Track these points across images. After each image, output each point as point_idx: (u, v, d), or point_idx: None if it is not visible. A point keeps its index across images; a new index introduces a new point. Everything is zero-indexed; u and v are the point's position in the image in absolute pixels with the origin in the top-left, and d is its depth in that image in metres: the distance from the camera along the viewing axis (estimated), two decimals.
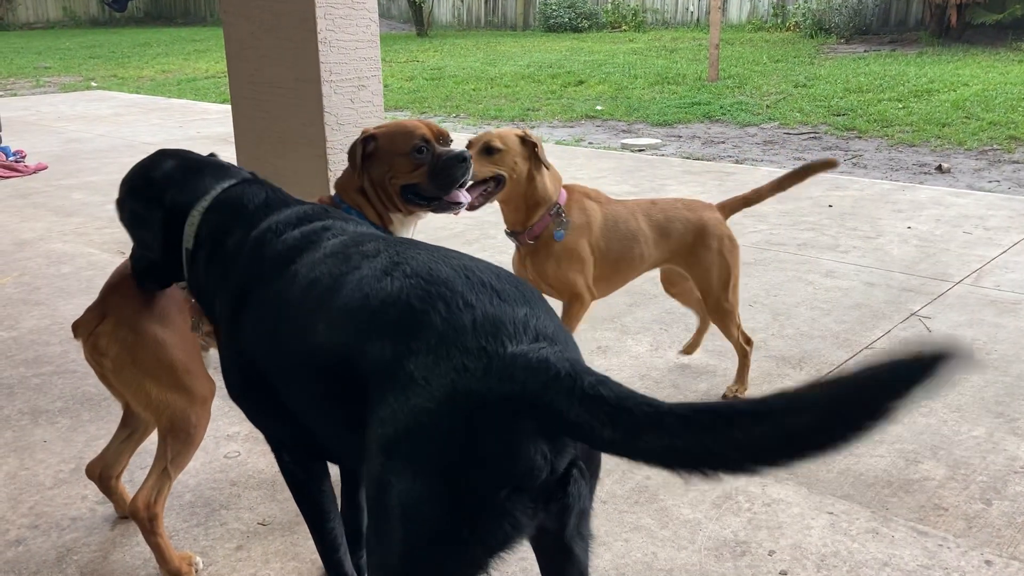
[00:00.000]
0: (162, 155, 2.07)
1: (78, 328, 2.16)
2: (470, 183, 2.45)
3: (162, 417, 2.14)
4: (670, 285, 3.35)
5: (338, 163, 3.23)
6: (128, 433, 2.38)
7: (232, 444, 2.87)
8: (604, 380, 1.16)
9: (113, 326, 2.11)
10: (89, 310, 2.17)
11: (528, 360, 1.20)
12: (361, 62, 3.26)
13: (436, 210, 2.41)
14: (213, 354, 2.44)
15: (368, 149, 2.36)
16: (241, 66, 3.46)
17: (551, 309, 1.38)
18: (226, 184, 1.95)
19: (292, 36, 3.20)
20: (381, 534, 1.27)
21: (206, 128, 9.37)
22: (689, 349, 3.46)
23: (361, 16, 3.24)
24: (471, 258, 1.46)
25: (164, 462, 2.15)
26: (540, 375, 1.18)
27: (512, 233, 2.84)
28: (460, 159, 2.33)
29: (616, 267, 2.93)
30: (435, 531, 1.22)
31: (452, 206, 2.39)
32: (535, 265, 2.82)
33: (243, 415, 3.03)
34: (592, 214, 2.86)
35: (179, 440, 2.15)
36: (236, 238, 1.80)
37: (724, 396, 3.16)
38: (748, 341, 3.19)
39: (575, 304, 2.84)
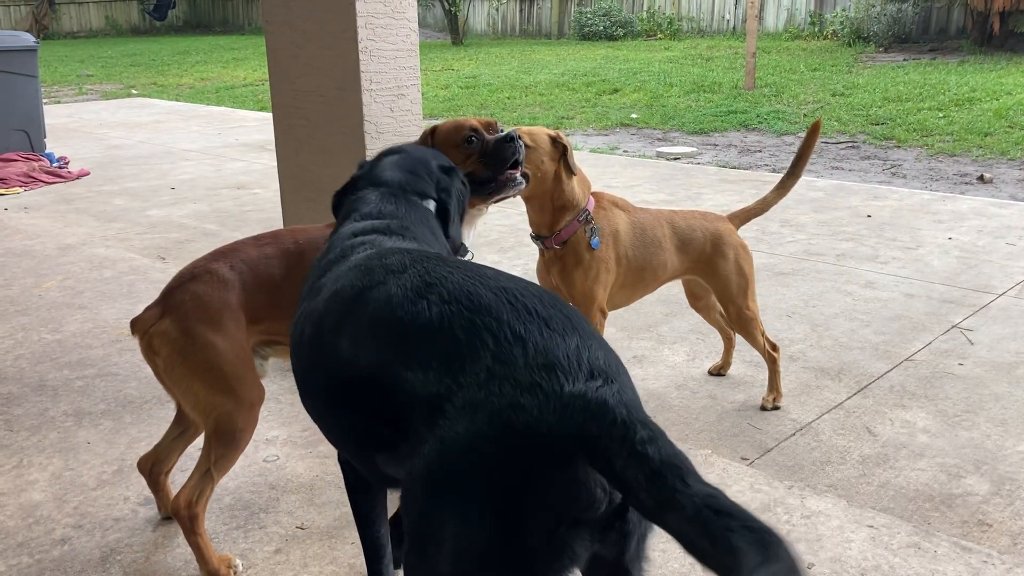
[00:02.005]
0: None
1: (135, 325, 2.22)
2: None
3: (208, 419, 2.17)
4: (695, 299, 3.35)
5: None
6: (180, 431, 2.43)
7: (271, 448, 2.90)
8: (655, 438, 1.13)
9: (168, 326, 2.15)
10: (148, 309, 2.23)
11: (587, 402, 1.17)
12: (400, 71, 3.28)
13: (494, 195, 2.43)
14: (272, 362, 2.48)
15: (430, 144, 2.40)
16: (283, 75, 3.51)
17: (599, 335, 1.36)
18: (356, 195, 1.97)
19: (333, 45, 3.24)
20: (426, 569, 1.24)
21: (244, 135, 9.48)
22: (721, 369, 3.44)
23: (401, 26, 3.26)
24: (508, 277, 1.42)
25: (208, 463, 2.18)
26: (598, 420, 1.15)
27: (538, 237, 2.82)
28: (508, 139, 2.37)
29: (640, 276, 2.92)
30: (488, 568, 1.19)
31: (508, 185, 2.40)
32: (561, 272, 2.80)
33: (283, 419, 3.07)
34: (620, 222, 2.85)
35: (224, 443, 2.18)
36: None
37: (762, 407, 3.14)
38: (775, 348, 3.17)
39: (593, 319, 2.80)
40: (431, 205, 1.99)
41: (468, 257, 2.43)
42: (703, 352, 3.64)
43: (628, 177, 6.84)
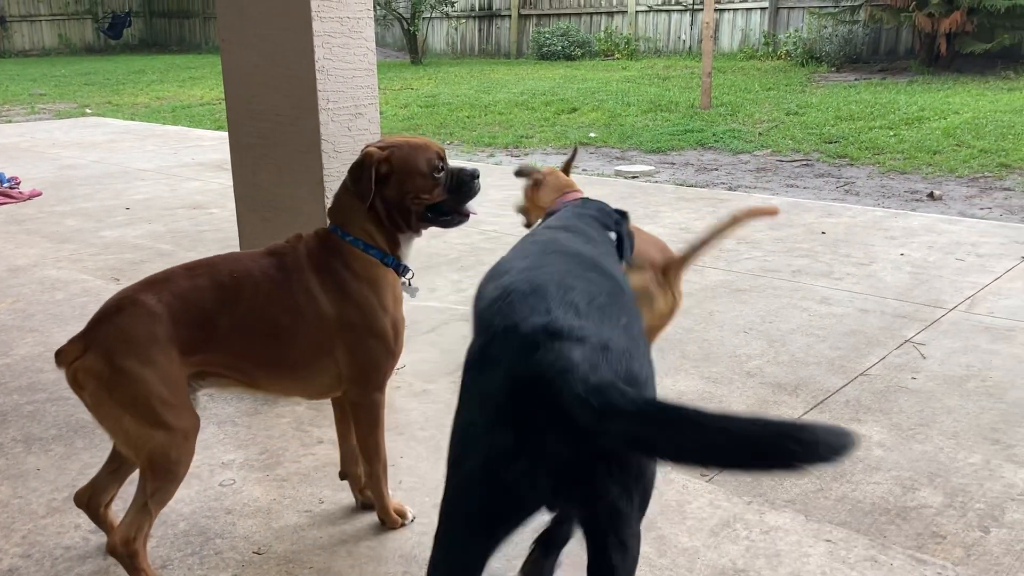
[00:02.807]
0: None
1: (59, 357, 2.13)
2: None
3: (141, 453, 2.11)
4: None
5: (335, 191, 3.23)
6: (117, 465, 2.35)
7: (227, 472, 2.85)
8: (598, 369, 1.40)
9: (92, 361, 2.08)
10: (71, 341, 2.14)
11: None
12: (358, 90, 3.28)
13: (449, 225, 2.49)
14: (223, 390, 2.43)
15: (382, 171, 2.34)
16: (239, 94, 3.48)
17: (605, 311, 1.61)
18: None
19: (290, 65, 3.22)
20: None
21: (201, 154, 9.39)
22: None
23: (358, 45, 3.26)
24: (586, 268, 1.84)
25: (144, 498, 2.12)
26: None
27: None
28: (474, 176, 2.45)
29: None
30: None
31: (462, 220, 2.49)
32: None
33: (239, 442, 3.03)
34: None
35: (159, 476, 2.12)
36: None
37: None
38: None
39: None
40: (612, 236, 2.36)
41: (408, 277, 2.44)
42: (663, 369, 3.66)
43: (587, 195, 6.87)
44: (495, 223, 5.88)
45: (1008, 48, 13.25)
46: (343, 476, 2.65)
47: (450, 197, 2.42)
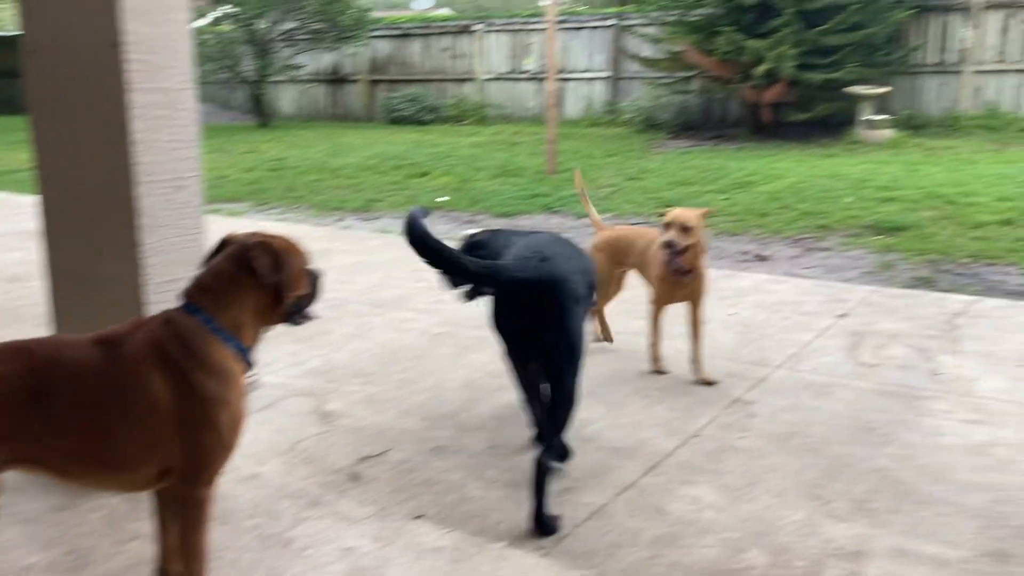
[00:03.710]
0: None
1: None
2: (678, 248, 4.04)
3: None
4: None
5: (154, 266, 3.09)
6: None
7: None
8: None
9: None
10: None
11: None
12: (180, 162, 3.16)
13: (299, 323, 2.52)
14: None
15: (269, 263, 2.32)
16: (51, 165, 3.30)
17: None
18: None
19: (105, 136, 3.08)
20: None
21: (24, 223, 8.82)
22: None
23: (180, 117, 3.16)
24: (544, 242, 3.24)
25: None
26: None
27: (685, 270, 4.17)
28: (320, 276, 2.57)
29: None
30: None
31: (312, 319, 2.57)
32: (695, 288, 4.30)
33: (43, 543, 2.77)
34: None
35: None
36: None
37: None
38: None
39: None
40: None
41: (253, 372, 2.38)
42: (503, 439, 3.64)
43: None
44: (339, 290, 5.77)
45: (825, 117, 14.33)
46: (161, 575, 2.47)
47: (309, 294, 2.48)
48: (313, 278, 2.51)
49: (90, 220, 3.19)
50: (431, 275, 3.22)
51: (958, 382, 4.23)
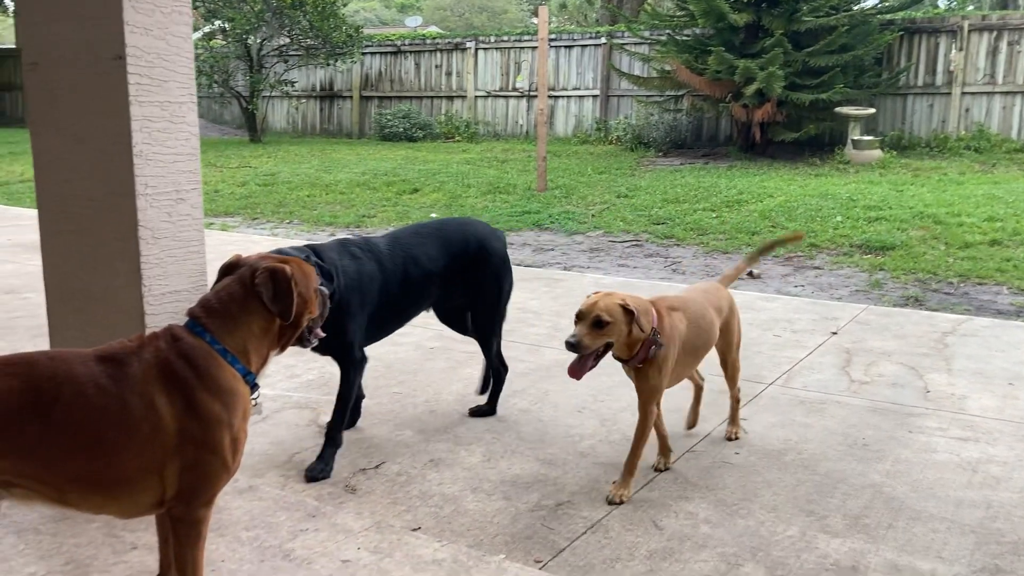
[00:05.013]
0: None
1: None
2: (584, 353, 3.09)
3: None
4: None
5: (154, 278, 3.10)
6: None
7: None
8: None
9: None
10: None
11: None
12: (180, 175, 3.17)
13: (308, 344, 2.63)
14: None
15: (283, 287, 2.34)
16: (50, 178, 3.30)
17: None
18: None
19: (106, 149, 3.09)
20: None
21: (18, 235, 8.81)
22: (693, 421, 3.91)
23: (180, 130, 3.17)
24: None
25: None
26: None
27: (621, 359, 3.28)
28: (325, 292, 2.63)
29: (698, 354, 3.52)
30: None
31: (320, 339, 2.64)
32: (640, 376, 3.29)
33: (42, 552, 2.77)
34: (680, 325, 3.34)
35: None
36: None
37: (728, 438, 3.80)
38: (739, 390, 3.85)
39: (650, 415, 3.31)
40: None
41: (256, 394, 2.36)
42: (499, 452, 3.65)
43: None
44: None
45: (814, 137, 14.47)
46: None
47: (320, 315, 2.56)
48: (323, 298, 2.55)
49: (89, 232, 3.20)
50: None
51: (949, 400, 4.27)
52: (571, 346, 3.06)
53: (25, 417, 2.04)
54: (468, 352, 4.94)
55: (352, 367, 3.47)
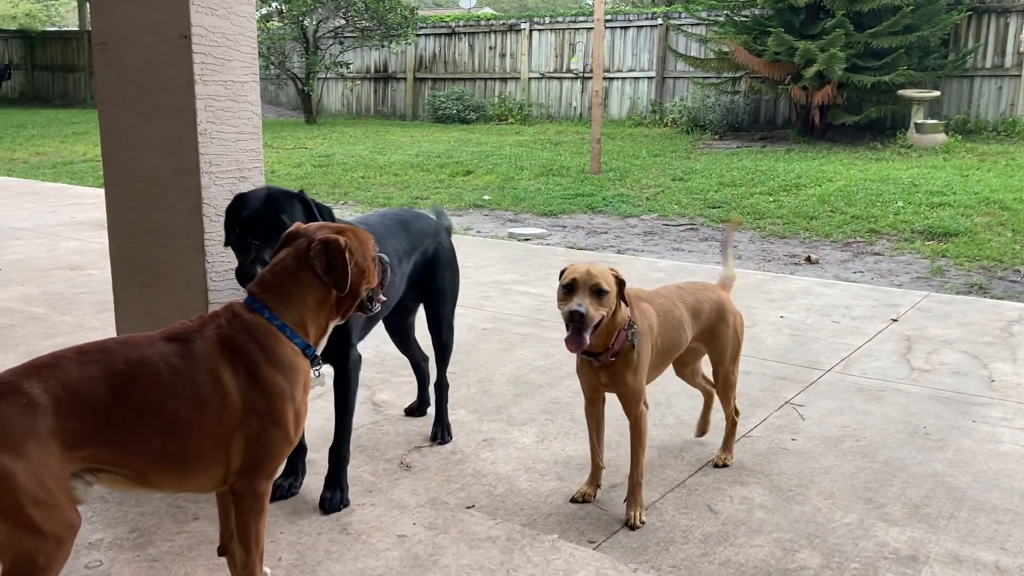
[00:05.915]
0: None
1: None
2: (590, 324, 2.67)
3: (4, 556, 1.92)
4: (682, 366, 3.55)
5: (216, 255, 3.15)
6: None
7: (94, 553, 2.69)
8: None
9: None
10: None
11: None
12: (242, 154, 3.22)
13: (371, 312, 2.55)
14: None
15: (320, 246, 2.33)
16: (117, 155, 3.38)
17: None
18: None
19: (172, 127, 3.15)
20: None
21: (81, 213, 9.05)
22: (703, 429, 3.63)
23: (243, 109, 3.22)
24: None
25: None
26: None
27: (591, 354, 2.87)
28: (385, 259, 2.55)
29: (667, 356, 3.15)
30: None
31: (381, 305, 2.58)
32: (612, 376, 2.91)
33: (108, 520, 2.86)
34: (651, 316, 3.02)
35: None
36: None
37: (713, 464, 3.39)
38: (737, 412, 3.46)
39: (643, 417, 2.99)
40: None
41: (319, 367, 2.37)
42: (552, 433, 3.66)
43: (480, 258, 6.91)
44: None
45: (875, 120, 14.14)
46: (222, 552, 2.53)
47: (381, 283, 2.52)
48: (382, 266, 2.52)
49: (155, 209, 3.27)
50: (478, 271, 3.22)
51: (1016, 390, 4.16)
52: (579, 316, 2.64)
53: (108, 404, 2.09)
54: (521, 334, 4.96)
55: (352, 368, 3.07)
